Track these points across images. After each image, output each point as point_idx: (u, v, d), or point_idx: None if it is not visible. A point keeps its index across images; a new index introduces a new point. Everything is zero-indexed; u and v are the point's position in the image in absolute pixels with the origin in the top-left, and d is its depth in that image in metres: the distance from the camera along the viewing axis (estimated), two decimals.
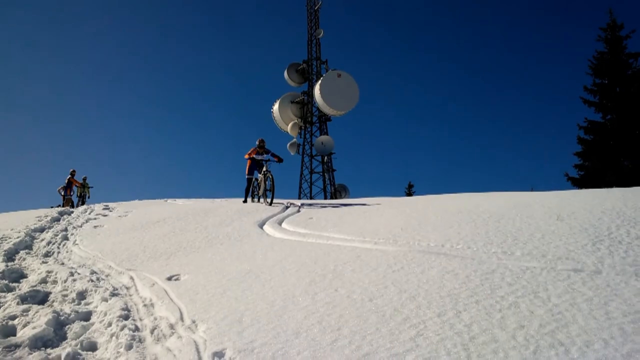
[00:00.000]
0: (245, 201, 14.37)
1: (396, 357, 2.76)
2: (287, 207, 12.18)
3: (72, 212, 16.19)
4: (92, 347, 4.12)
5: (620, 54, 25.52)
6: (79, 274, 6.90)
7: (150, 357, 3.57)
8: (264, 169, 13.45)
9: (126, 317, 4.62)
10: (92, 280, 6.35)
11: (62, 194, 24.83)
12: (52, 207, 20.81)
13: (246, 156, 14.06)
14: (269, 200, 13.06)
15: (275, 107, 38.44)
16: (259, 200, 14.10)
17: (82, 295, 5.76)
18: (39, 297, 5.82)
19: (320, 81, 35.32)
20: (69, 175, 25.00)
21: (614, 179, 21.22)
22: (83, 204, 24.27)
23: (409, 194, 41.15)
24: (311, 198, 34.17)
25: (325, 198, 34.53)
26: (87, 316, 5.00)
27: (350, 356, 2.85)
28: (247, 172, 14.41)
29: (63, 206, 22.48)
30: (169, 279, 5.91)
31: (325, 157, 36.77)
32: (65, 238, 11.05)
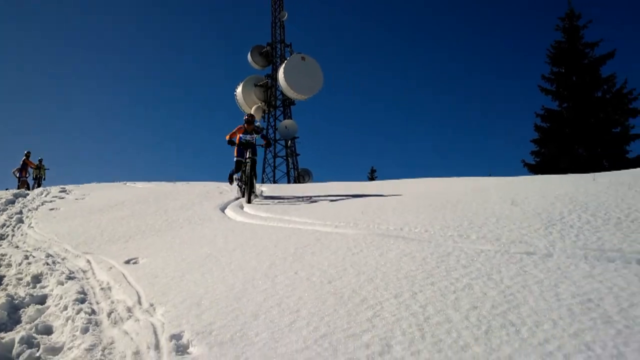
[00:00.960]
0: (230, 181, 11.27)
1: (353, 338, 2.80)
2: None
3: (28, 194, 15.70)
4: (48, 330, 4.05)
5: (577, 43, 26.13)
6: (34, 257, 6.74)
7: (107, 340, 3.52)
8: (248, 154, 10.37)
9: (82, 301, 4.55)
10: (47, 264, 6.21)
11: (17, 175, 24.03)
12: (7, 189, 20.11)
13: (228, 137, 10.57)
14: (262, 200, 10.19)
15: (239, 90, 37.92)
16: (243, 195, 10.60)
17: (37, 279, 5.64)
18: None
19: (284, 64, 35.03)
20: (24, 157, 24.20)
21: (569, 166, 21.85)
22: (39, 186, 23.53)
23: (372, 179, 41.46)
24: (274, 182, 34.07)
25: (289, 182, 34.49)
26: (42, 300, 4.91)
27: (307, 337, 2.89)
28: (235, 154, 10.68)
29: (18, 188, 21.76)
30: (127, 262, 5.84)
31: (289, 142, 36.64)
32: (20, 221, 10.74)
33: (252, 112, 37.48)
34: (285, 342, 2.87)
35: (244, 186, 10.51)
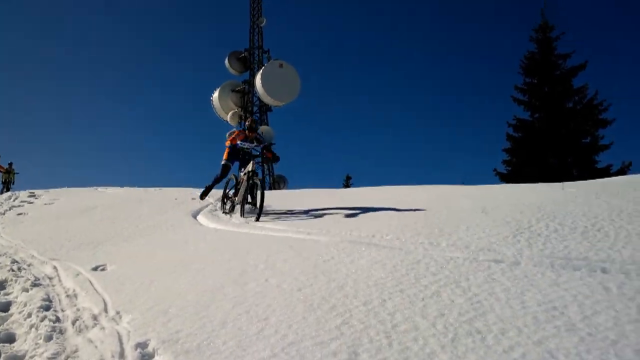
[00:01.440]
0: (204, 196, 9.86)
1: (320, 346, 2.79)
2: None
3: None
4: (10, 338, 3.94)
5: (550, 55, 26.68)
6: None
7: (71, 349, 3.44)
8: (250, 167, 8.72)
9: (47, 308, 4.44)
10: (12, 270, 6.05)
11: None
12: None
13: (227, 143, 9.08)
14: (253, 216, 8.25)
15: (215, 95, 37.67)
16: (231, 210, 9.14)
17: (1, 285, 5.49)
18: None
19: (261, 71, 34.94)
20: None
21: (539, 175, 22.24)
22: (8, 190, 23.02)
23: (347, 186, 41.61)
24: None
25: (264, 189, 34.36)
26: (5, 307, 4.77)
27: (275, 345, 2.86)
28: (225, 157, 9.20)
29: None
30: (95, 269, 5.73)
31: None
32: None
33: (227, 119, 37.34)
34: (253, 350, 2.84)
35: (234, 202, 8.96)
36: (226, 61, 37.75)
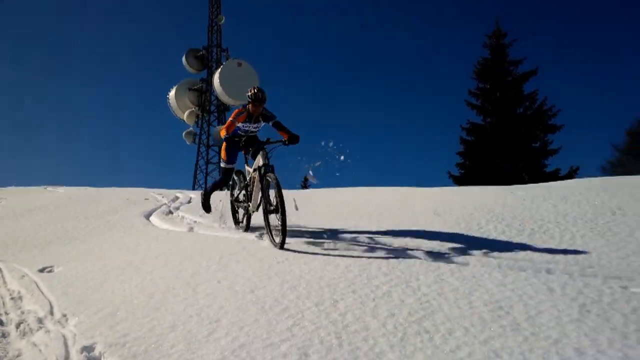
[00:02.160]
0: (207, 207, 6.98)
1: (271, 347, 2.78)
2: (177, 198, 11.83)
3: None
4: None
5: (503, 61, 27.48)
6: None
7: (13, 353, 3.32)
8: (261, 159, 5.80)
9: None
10: None
11: None
12: None
13: (224, 131, 6.03)
14: (277, 231, 5.46)
15: (172, 93, 37.03)
16: (248, 224, 6.57)
17: None
18: None
19: (220, 69, 34.60)
20: None
21: (490, 178, 22.86)
22: None
23: (305, 187, 41.65)
24: None
25: (221, 189, 33.99)
26: None
27: (225, 347, 2.84)
28: (224, 157, 6.45)
29: None
30: (42, 270, 5.55)
31: None
32: None
33: (184, 118, 36.75)
34: (202, 353, 2.81)
35: (248, 209, 6.27)
36: (183, 59, 37.20)
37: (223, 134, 5.98)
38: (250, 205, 6.07)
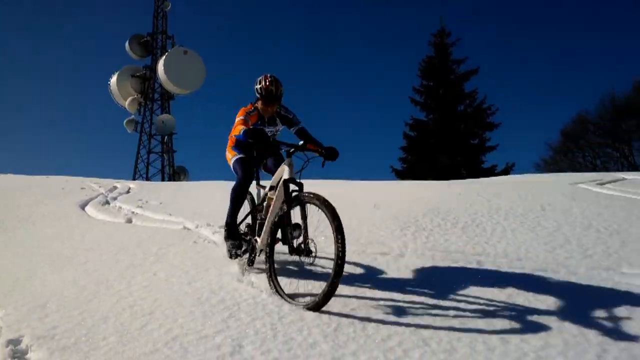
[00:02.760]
0: (234, 247, 4.16)
1: (205, 339, 2.77)
2: (115, 188, 11.48)
3: None
4: None
5: (447, 59, 28.25)
6: None
7: None
8: (286, 171, 3.71)
9: None
10: None
11: None
12: None
13: (233, 134, 4.00)
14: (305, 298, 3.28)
15: (113, 79, 35.78)
16: (250, 264, 4.13)
17: None
18: None
19: (165, 57, 33.74)
20: None
21: (431, 173, 23.53)
22: None
23: None
24: (147, 179, 32.63)
25: (163, 180, 33.27)
26: None
27: (157, 339, 2.80)
28: (239, 165, 4.21)
29: None
30: None
31: (166, 137, 35.36)
32: None
33: (126, 105, 35.62)
34: (134, 345, 2.76)
35: (255, 245, 4.05)
36: (127, 45, 35.97)
37: (234, 134, 3.92)
38: (259, 240, 3.93)
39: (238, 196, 4.16)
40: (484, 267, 4.06)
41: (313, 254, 3.41)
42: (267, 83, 4.02)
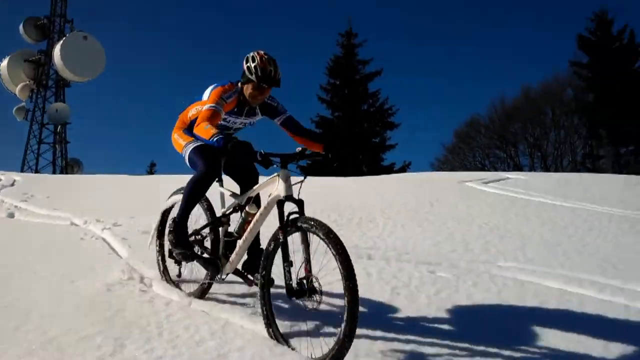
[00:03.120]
0: (185, 244, 3.21)
1: (85, 340, 2.66)
2: None
3: None
4: None
5: (353, 59, 28.97)
6: None
7: None
8: (282, 185, 2.94)
9: None
10: None
11: None
12: None
13: (211, 129, 2.88)
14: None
15: (4, 64, 32.95)
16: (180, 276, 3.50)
17: None
18: None
19: (62, 41, 31.61)
20: None
21: (334, 169, 24.01)
22: None
23: (151, 173, 39.96)
24: (37, 172, 30.44)
25: (54, 173, 31.23)
26: None
27: (33, 341, 2.65)
28: (199, 156, 3.25)
29: None
30: None
31: (59, 127, 33.21)
32: None
33: (16, 92, 33.04)
34: (6, 347, 2.60)
35: (218, 262, 3.20)
36: (21, 27, 33.26)
37: (210, 132, 2.86)
38: (229, 262, 3.15)
39: (195, 191, 3.26)
40: (374, 260, 4.23)
41: (318, 294, 2.70)
42: (264, 62, 3.05)
